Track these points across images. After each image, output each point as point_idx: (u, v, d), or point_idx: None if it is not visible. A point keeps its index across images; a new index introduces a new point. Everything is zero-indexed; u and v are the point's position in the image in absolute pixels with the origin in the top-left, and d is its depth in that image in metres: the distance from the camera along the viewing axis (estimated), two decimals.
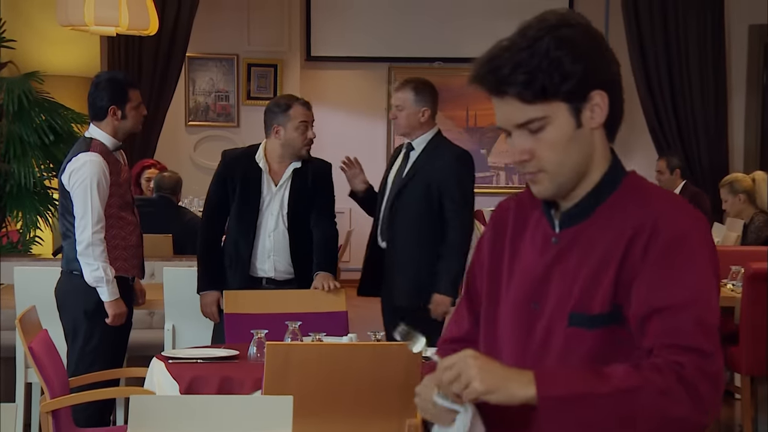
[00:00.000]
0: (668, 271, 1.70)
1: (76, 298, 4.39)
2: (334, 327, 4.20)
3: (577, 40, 1.73)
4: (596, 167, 1.80)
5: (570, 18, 1.76)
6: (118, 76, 4.72)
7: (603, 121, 1.77)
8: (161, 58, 8.85)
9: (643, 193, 1.78)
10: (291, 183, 4.59)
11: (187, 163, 10.41)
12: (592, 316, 1.74)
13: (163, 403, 2.79)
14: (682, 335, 1.67)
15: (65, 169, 4.39)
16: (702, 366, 1.65)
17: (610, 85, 1.77)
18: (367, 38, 10.79)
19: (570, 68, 1.71)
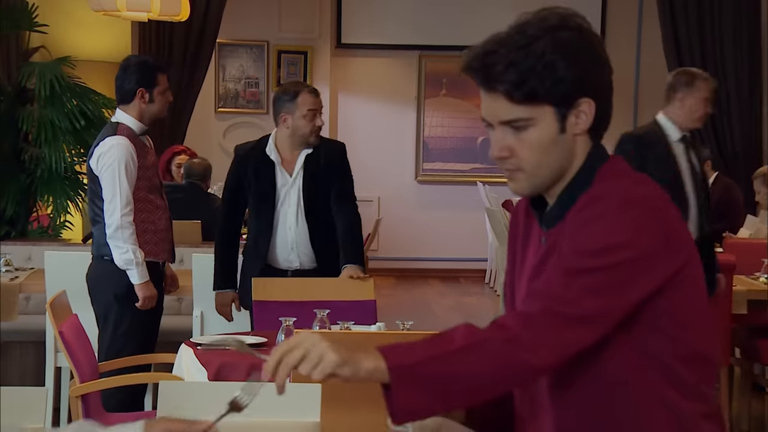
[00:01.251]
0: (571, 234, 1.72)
1: (106, 283, 4.41)
2: (362, 316, 4.17)
3: (573, 45, 1.72)
4: (575, 168, 1.80)
5: (570, 20, 1.75)
6: (148, 60, 4.72)
7: (587, 128, 1.77)
8: (192, 44, 8.86)
9: (606, 178, 1.77)
10: (304, 170, 4.54)
11: (217, 150, 10.43)
12: None
13: (192, 389, 2.78)
14: (548, 283, 1.68)
15: (93, 154, 4.41)
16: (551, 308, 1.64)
17: (599, 93, 1.76)
18: (397, 26, 10.75)
19: (563, 74, 1.71)
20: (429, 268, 10.61)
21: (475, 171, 10.87)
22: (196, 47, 8.88)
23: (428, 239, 10.60)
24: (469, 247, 10.44)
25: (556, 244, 1.77)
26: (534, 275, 1.81)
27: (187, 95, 8.81)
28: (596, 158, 1.80)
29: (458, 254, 10.56)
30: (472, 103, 10.79)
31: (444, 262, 10.53)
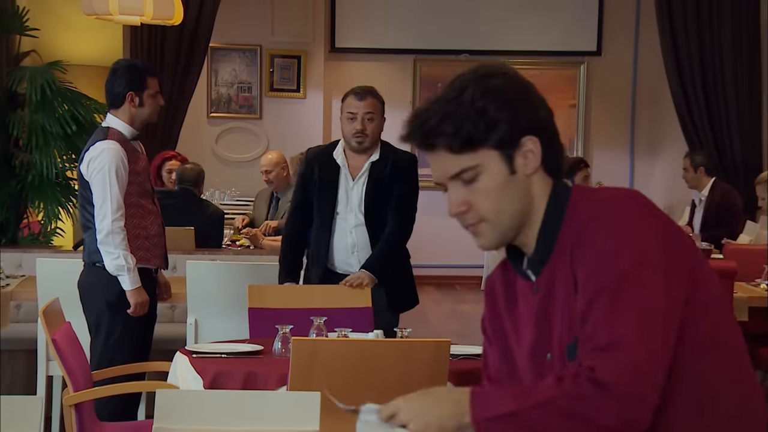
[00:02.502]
0: (587, 265, 1.71)
1: (98, 290, 4.38)
2: (359, 323, 4.17)
3: (501, 89, 1.77)
4: (539, 208, 1.81)
5: (496, 69, 1.81)
6: (137, 63, 4.70)
7: (538, 165, 1.79)
8: (184, 48, 8.82)
9: (586, 203, 1.78)
10: (369, 176, 4.59)
11: (209, 155, 10.39)
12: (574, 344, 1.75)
13: (189, 397, 2.76)
14: (596, 334, 1.66)
15: (83, 159, 4.39)
16: (615, 361, 1.63)
17: (540, 130, 1.78)
18: (392, 30, 10.73)
19: (495, 116, 1.75)
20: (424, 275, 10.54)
21: None
22: (189, 51, 8.84)
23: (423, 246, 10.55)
24: (464, 253, 10.39)
25: (552, 286, 1.78)
26: (543, 324, 1.80)
27: (180, 100, 8.77)
28: (561, 192, 1.81)
29: (453, 261, 10.52)
30: None
31: (439, 269, 10.49)
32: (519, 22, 10.45)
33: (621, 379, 1.62)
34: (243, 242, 6.95)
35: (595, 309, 1.67)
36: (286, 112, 10.61)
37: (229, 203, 9.13)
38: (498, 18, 10.61)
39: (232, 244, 7.00)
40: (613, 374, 1.62)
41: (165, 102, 5.09)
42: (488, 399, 1.69)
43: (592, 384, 1.62)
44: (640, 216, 1.71)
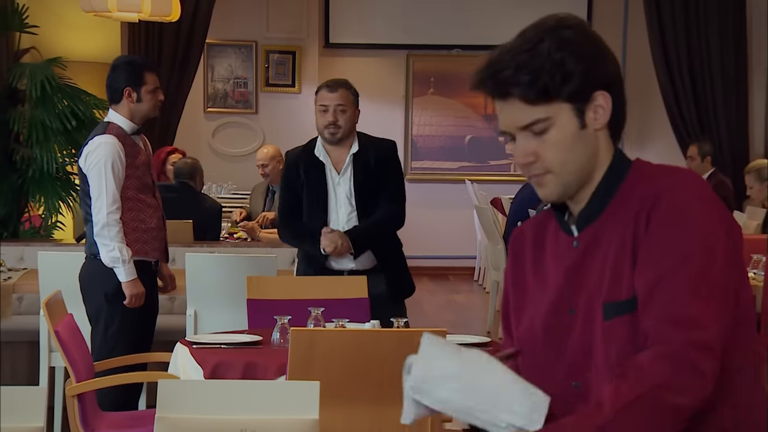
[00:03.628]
0: (661, 237, 1.70)
1: (98, 282, 4.42)
2: (356, 313, 4.16)
3: (577, 42, 1.75)
4: (601, 166, 1.80)
5: (568, 20, 1.78)
6: (135, 59, 4.74)
7: (606, 122, 1.78)
8: (181, 44, 8.87)
9: (648, 175, 1.78)
10: (353, 169, 4.54)
11: (206, 150, 10.45)
12: (622, 302, 1.73)
13: (191, 387, 2.78)
14: (673, 306, 1.66)
15: (82, 153, 4.43)
16: (694, 339, 1.63)
17: (612, 86, 1.78)
18: (385, 25, 10.78)
19: (572, 68, 1.73)
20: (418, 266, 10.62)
21: (463, 169, 10.91)
22: (186, 48, 8.88)
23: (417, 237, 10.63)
24: (458, 245, 10.48)
25: (595, 244, 1.78)
26: (574, 280, 1.80)
27: (177, 95, 8.82)
28: (624, 158, 1.83)
29: (447, 252, 10.60)
30: (460, 102, 10.83)
31: (433, 260, 10.55)
32: (510, 17, 10.49)
33: (705, 356, 1.63)
34: (241, 235, 7.00)
35: (671, 283, 1.66)
36: (281, 107, 10.66)
37: (226, 197, 9.17)
38: (489, 13, 10.66)
39: (230, 236, 7.05)
40: (698, 352, 1.62)
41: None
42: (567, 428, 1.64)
43: (675, 366, 1.62)
44: (711, 200, 1.73)
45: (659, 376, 1.62)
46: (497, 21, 10.54)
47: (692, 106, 9.37)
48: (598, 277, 1.76)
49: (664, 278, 1.67)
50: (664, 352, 1.63)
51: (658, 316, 1.66)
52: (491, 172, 10.96)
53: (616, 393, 1.63)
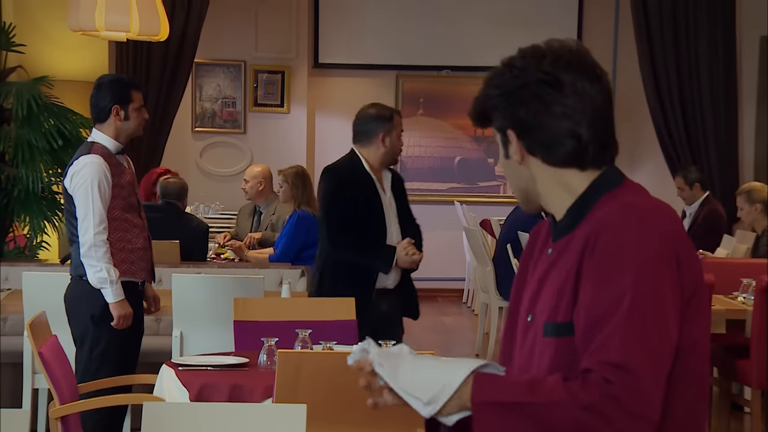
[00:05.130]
0: (596, 277, 1.75)
1: (83, 303, 4.40)
2: (343, 335, 4.18)
3: (504, 80, 1.86)
4: (558, 190, 1.86)
5: (523, 53, 1.86)
6: (122, 77, 4.75)
7: (521, 157, 1.86)
8: (169, 63, 8.87)
9: (615, 207, 1.81)
10: (393, 188, 4.78)
11: (194, 169, 10.44)
12: (557, 324, 1.80)
13: (176, 410, 2.79)
14: (607, 348, 1.70)
15: (67, 173, 4.42)
16: (628, 381, 1.68)
17: (519, 125, 1.85)
18: (374, 46, 10.81)
19: (492, 103, 1.87)
20: None
21: (452, 190, 10.91)
22: (174, 67, 8.88)
23: None
24: (447, 266, 10.47)
25: (559, 259, 1.84)
26: (539, 287, 1.87)
27: (165, 115, 8.81)
28: (605, 180, 1.86)
29: (436, 274, 10.57)
30: (449, 123, 10.84)
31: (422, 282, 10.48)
32: (499, 38, 10.53)
33: (634, 399, 1.67)
34: (228, 255, 6.98)
35: (607, 323, 1.71)
36: (269, 127, 10.66)
37: (213, 217, 9.15)
38: (478, 34, 10.70)
39: (216, 257, 7.03)
40: (627, 393, 1.67)
41: (150, 117, 5.12)
42: (496, 383, 1.74)
43: (606, 397, 1.67)
44: (654, 239, 1.75)
45: (590, 399, 1.68)
46: (487, 42, 10.57)
47: (681, 127, 9.40)
48: (550, 292, 1.84)
49: (598, 321, 1.72)
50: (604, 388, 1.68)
51: (593, 357, 1.71)
52: (480, 194, 10.96)
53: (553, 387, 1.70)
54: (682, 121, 9.39)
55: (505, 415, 1.71)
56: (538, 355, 1.82)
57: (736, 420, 5.90)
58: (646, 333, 1.70)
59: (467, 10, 10.72)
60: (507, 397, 1.71)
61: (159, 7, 6.46)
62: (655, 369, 1.69)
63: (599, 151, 1.85)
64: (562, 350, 1.78)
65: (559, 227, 1.87)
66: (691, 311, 1.77)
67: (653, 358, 1.70)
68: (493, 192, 10.98)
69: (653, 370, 1.69)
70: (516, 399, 1.71)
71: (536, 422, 1.69)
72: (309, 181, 6.76)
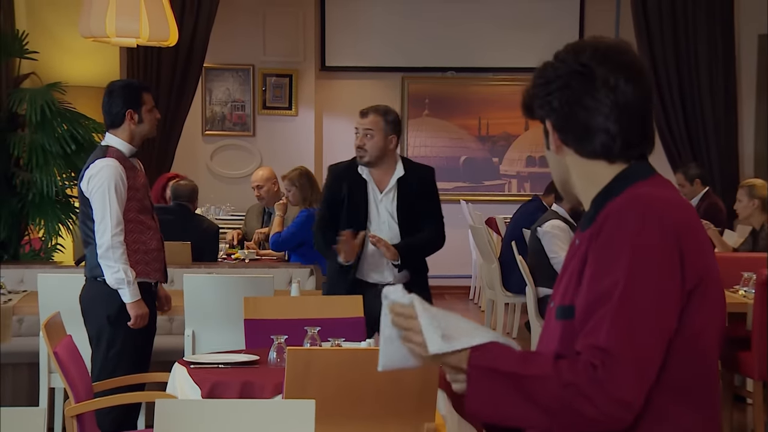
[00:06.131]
0: (595, 264, 1.81)
1: (99, 304, 4.45)
2: (352, 333, 4.21)
3: (544, 70, 1.92)
4: (586, 182, 1.93)
5: (568, 48, 1.92)
6: (131, 82, 4.82)
7: (557, 146, 1.92)
8: (179, 68, 8.93)
9: (629, 196, 1.85)
10: (398, 190, 4.74)
11: (204, 172, 10.51)
12: (566, 307, 1.86)
13: (188, 407, 2.81)
14: (597, 332, 1.75)
15: (83, 176, 4.46)
16: (611, 365, 1.73)
17: (557, 119, 1.91)
18: (380, 48, 10.86)
19: (533, 93, 1.94)
20: None
21: (458, 189, 10.96)
22: (184, 72, 8.95)
23: None
24: (454, 264, 10.51)
25: (580, 248, 1.89)
26: (562, 276, 1.93)
27: (175, 119, 8.88)
28: (630, 173, 1.90)
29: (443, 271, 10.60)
30: (455, 123, 10.90)
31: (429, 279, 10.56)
32: (503, 40, 10.58)
33: (614, 382, 1.72)
34: (238, 255, 7.06)
35: (600, 309, 1.76)
36: (278, 130, 10.73)
37: (223, 218, 9.22)
38: (483, 36, 10.74)
39: (227, 257, 7.10)
40: (608, 377, 1.72)
41: (161, 120, 5.17)
42: (493, 352, 1.80)
43: (588, 378, 1.72)
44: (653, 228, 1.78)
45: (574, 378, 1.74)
46: (492, 43, 10.62)
47: (682, 124, 9.42)
48: (567, 278, 1.90)
49: (593, 305, 1.78)
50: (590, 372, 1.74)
51: (584, 340, 1.77)
52: (486, 193, 11.02)
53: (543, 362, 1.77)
54: (683, 118, 9.42)
55: (495, 382, 1.77)
56: (548, 338, 1.90)
57: (739, 411, 5.93)
58: (635, 321, 1.74)
59: (471, 13, 10.76)
60: (499, 365, 1.77)
61: (168, 13, 6.52)
62: (639, 356, 1.74)
63: (627, 147, 1.89)
64: (566, 333, 1.83)
65: (585, 218, 1.92)
66: (695, 301, 1.80)
67: (639, 345, 1.74)
68: (498, 191, 11.03)
69: (636, 357, 1.73)
70: (507, 368, 1.77)
71: (522, 393, 1.76)
72: (314, 179, 6.83)
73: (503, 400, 1.77)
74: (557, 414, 1.74)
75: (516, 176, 11.06)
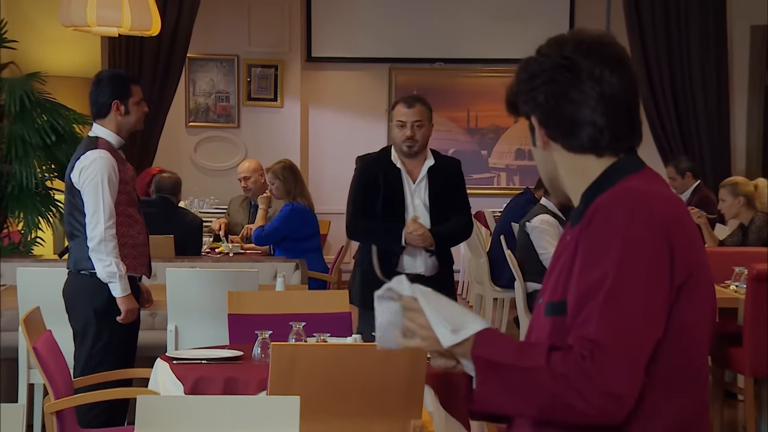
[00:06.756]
0: (584, 257, 1.80)
1: (84, 297, 4.40)
2: (338, 328, 4.21)
3: (529, 63, 1.91)
4: (576, 177, 1.91)
5: (552, 42, 1.90)
6: (120, 72, 4.77)
7: (544, 142, 1.91)
8: (162, 58, 8.87)
9: (618, 190, 1.84)
10: (429, 180, 4.76)
11: (188, 164, 10.44)
12: (556, 303, 1.85)
13: (170, 403, 2.80)
14: (588, 324, 1.75)
15: (74, 167, 4.39)
16: (603, 358, 1.72)
17: (543, 114, 1.90)
18: (367, 39, 10.81)
19: (516, 89, 1.92)
20: None
21: None
22: (167, 62, 8.89)
23: None
24: None
25: (570, 243, 1.88)
26: (550, 272, 1.92)
27: (158, 110, 8.82)
28: (620, 167, 1.89)
29: None
30: (443, 115, 10.85)
31: None
32: (492, 31, 10.55)
33: (603, 375, 1.72)
34: (222, 249, 7.01)
35: (590, 302, 1.76)
36: (263, 121, 10.67)
37: (207, 211, 9.18)
38: (471, 27, 10.71)
39: (211, 251, 7.05)
40: (597, 369, 1.72)
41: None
42: (494, 341, 1.80)
43: (579, 371, 1.72)
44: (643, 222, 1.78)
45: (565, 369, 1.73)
46: (480, 34, 10.58)
47: (673, 118, 9.43)
48: (556, 274, 1.89)
49: (583, 298, 1.78)
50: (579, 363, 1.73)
51: (574, 332, 1.77)
52: (474, 186, 10.98)
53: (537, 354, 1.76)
54: (674, 111, 9.42)
55: (494, 374, 1.78)
56: (537, 334, 1.89)
57: (730, 408, 5.92)
58: (625, 314, 1.74)
59: (460, 3, 10.73)
60: (497, 356, 1.78)
61: (150, 2, 6.47)
62: (629, 349, 1.73)
63: (615, 140, 1.88)
64: (556, 329, 1.82)
65: (575, 213, 1.91)
66: (685, 296, 1.79)
67: (628, 338, 1.73)
68: (487, 184, 11.00)
69: (626, 350, 1.73)
70: (503, 360, 1.77)
71: (517, 385, 1.76)
72: (299, 172, 6.79)
73: (501, 391, 1.78)
74: (550, 406, 1.75)
75: (505, 169, 11.03)
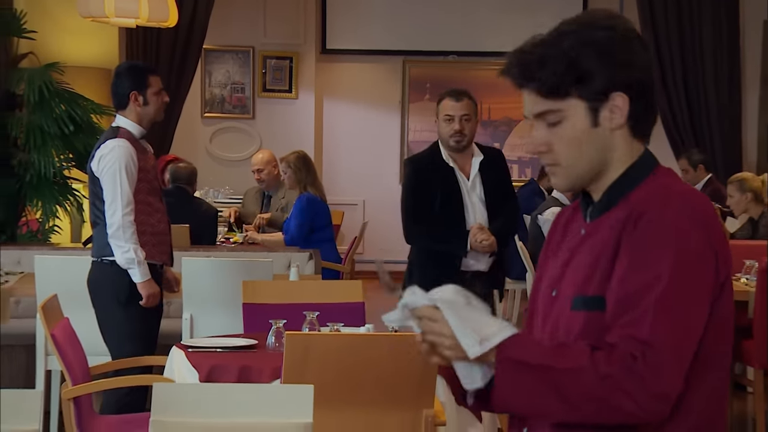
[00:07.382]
0: (636, 253, 1.73)
1: (108, 285, 4.45)
2: (351, 318, 4.20)
3: (600, 42, 1.77)
4: (618, 164, 1.82)
5: (602, 20, 1.80)
6: (138, 64, 4.82)
7: (622, 123, 1.79)
8: (178, 50, 8.91)
9: (656, 187, 1.80)
10: (481, 175, 4.68)
11: (203, 155, 10.49)
12: (588, 297, 1.78)
13: (185, 390, 2.82)
14: (637, 324, 1.70)
15: (94, 156, 4.46)
16: (652, 359, 1.68)
17: (632, 89, 1.78)
18: (381, 31, 10.82)
19: (588, 67, 1.76)
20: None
21: None
22: (183, 53, 8.92)
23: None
24: None
25: (592, 237, 1.82)
26: (567, 264, 1.85)
27: (174, 100, 8.84)
28: (649, 161, 1.84)
29: None
30: None
31: None
32: (505, 23, 10.54)
33: (655, 376, 1.68)
34: (237, 239, 7.04)
35: (641, 302, 1.70)
36: (278, 112, 10.70)
37: (222, 201, 9.21)
38: (484, 19, 10.71)
39: (226, 241, 7.09)
40: (649, 370, 1.67)
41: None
42: (523, 343, 1.73)
43: (628, 371, 1.67)
44: (700, 224, 1.74)
45: (611, 370, 1.68)
46: (493, 27, 10.58)
47: (685, 111, 9.43)
48: (581, 268, 1.81)
49: (631, 297, 1.72)
50: (628, 363, 1.68)
51: (621, 331, 1.71)
52: None
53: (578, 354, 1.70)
54: (686, 104, 9.41)
55: (526, 375, 1.71)
56: (564, 328, 1.81)
57: (739, 400, 5.94)
58: (678, 316, 1.70)
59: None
60: (531, 357, 1.71)
61: None
62: (680, 352, 1.71)
63: (652, 125, 1.84)
64: (591, 324, 1.76)
65: (596, 207, 1.84)
66: (725, 292, 1.77)
67: (680, 342, 1.70)
68: None
69: (677, 353, 1.70)
70: (540, 361, 1.70)
71: (555, 387, 1.69)
72: (311, 163, 6.82)
73: (531, 392, 1.71)
74: (593, 408, 1.69)
75: (517, 161, 11.03)
